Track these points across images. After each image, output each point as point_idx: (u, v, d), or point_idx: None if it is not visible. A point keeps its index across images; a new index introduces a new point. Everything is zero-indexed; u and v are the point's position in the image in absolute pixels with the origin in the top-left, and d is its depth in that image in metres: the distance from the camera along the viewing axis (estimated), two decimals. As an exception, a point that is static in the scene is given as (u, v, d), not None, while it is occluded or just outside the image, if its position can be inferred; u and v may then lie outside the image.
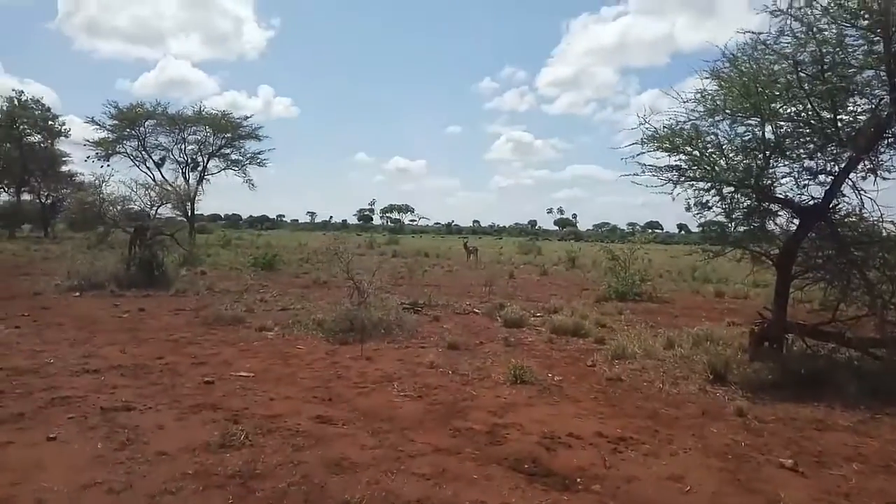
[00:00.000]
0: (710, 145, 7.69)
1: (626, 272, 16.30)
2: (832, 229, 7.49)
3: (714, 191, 7.82)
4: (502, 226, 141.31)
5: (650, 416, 5.83)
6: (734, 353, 7.69)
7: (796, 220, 7.80)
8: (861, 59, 6.82)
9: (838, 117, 7.03)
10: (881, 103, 7.00)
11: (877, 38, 6.67)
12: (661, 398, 6.49)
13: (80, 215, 17.80)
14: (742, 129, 7.77)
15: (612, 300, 14.76)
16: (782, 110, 7.36)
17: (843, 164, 7.30)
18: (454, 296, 14.48)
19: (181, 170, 43.25)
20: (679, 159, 7.80)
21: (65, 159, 46.47)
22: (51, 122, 45.51)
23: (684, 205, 8.10)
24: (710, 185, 7.75)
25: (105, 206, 16.44)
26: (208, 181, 44.22)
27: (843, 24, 6.74)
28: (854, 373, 6.94)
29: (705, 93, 7.65)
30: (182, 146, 43.39)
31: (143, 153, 42.59)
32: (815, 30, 6.76)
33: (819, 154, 7.48)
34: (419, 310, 11.83)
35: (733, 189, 7.71)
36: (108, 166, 40.74)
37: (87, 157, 41.53)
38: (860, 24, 6.69)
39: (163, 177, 39.59)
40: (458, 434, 5.14)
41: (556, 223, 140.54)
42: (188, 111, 42.97)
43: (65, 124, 46.43)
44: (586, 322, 10.42)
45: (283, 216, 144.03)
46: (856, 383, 6.63)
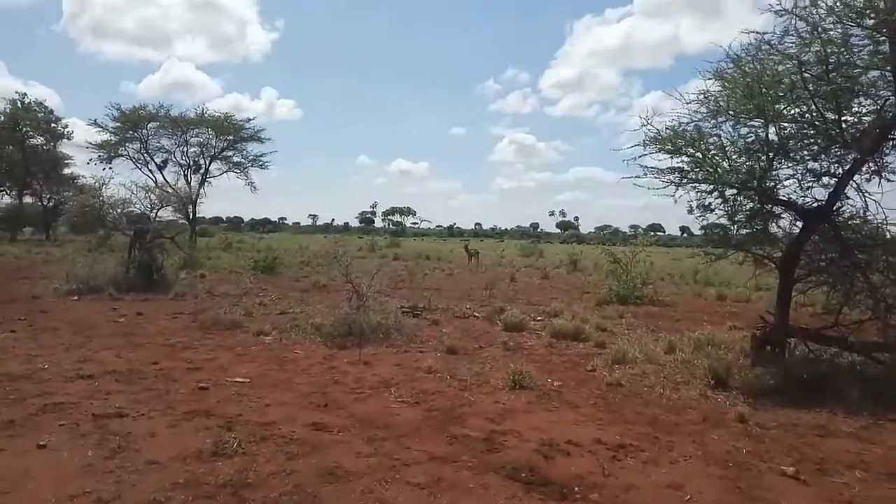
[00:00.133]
0: (712, 147, 7.60)
1: (627, 275, 16.20)
2: (836, 232, 7.40)
3: (716, 193, 7.74)
4: (504, 228, 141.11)
5: (650, 423, 5.74)
6: (736, 358, 7.60)
7: (799, 223, 7.71)
8: (866, 59, 6.73)
9: (843, 118, 6.94)
10: (886, 104, 6.92)
11: (882, 38, 6.58)
12: (661, 404, 6.40)
13: (81, 218, 17.77)
14: (745, 130, 7.69)
15: (614, 303, 14.66)
16: (786, 111, 7.27)
17: (847, 166, 7.21)
18: (454, 299, 14.41)
19: (183, 172, 43.37)
20: (681, 161, 7.72)
21: (67, 162, 46.76)
22: (53, 125, 45.76)
23: (686, 207, 8.03)
24: (712, 187, 7.66)
25: (105, 208, 16.41)
26: (210, 184, 44.35)
27: (848, 23, 6.64)
28: (857, 378, 6.85)
29: (708, 94, 7.57)
30: (184, 148, 43.56)
31: (145, 156, 42.74)
32: (820, 29, 6.67)
33: (823, 156, 7.39)
34: (419, 314, 11.75)
35: (736, 191, 7.62)
36: (110, 169, 40.84)
37: (90, 160, 41.81)
38: (866, 24, 6.59)
39: (164, 179, 39.67)
40: (455, 441, 5.05)
41: (559, 226, 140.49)
42: (191, 113, 43.13)
43: (67, 127, 46.76)
44: (587, 326, 10.33)
45: (285, 219, 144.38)
46: (858, 388, 6.53)
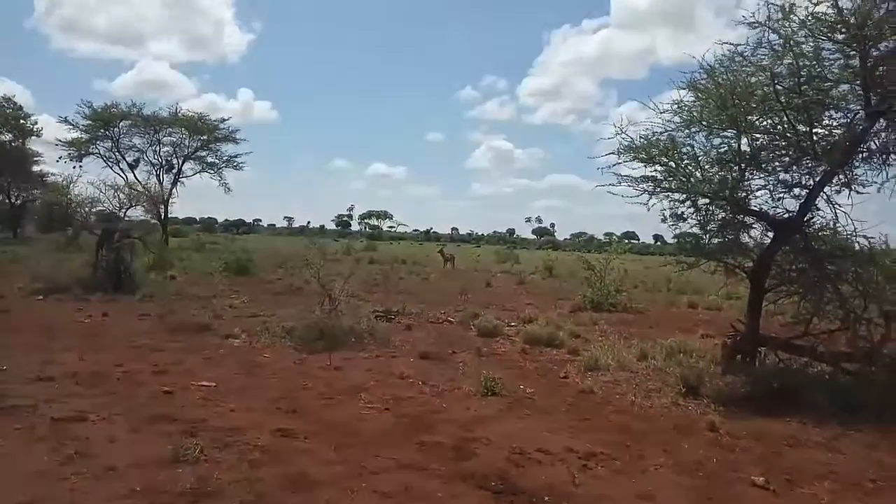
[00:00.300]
0: (685, 157, 7.65)
1: (601, 282, 16.26)
2: (806, 243, 7.48)
3: (689, 202, 7.79)
4: (481, 234, 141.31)
5: (622, 431, 5.71)
6: (707, 366, 7.62)
7: (770, 233, 7.78)
8: (837, 72, 6.84)
9: (814, 131, 7.03)
10: (856, 117, 7.03)
11: (853, 53, 6.69)
12: (632, 412, 6.39)
13: (48, 217, 17.39)
14: (718, 140, 7.77)
15: (588, 310, 14.69)
16: (758, 122, 7.36)
17: (817, 178, 7.30)
18: (429, 304, 14.30)
19: (155, 172, 42.60)
20: (655, 170, 7.77)
21: (36, 159, 45.61)
22: (22, 121, 44.64)
23: (660, 216, 8.06)
24: (685, 196, 7.71)
25: (73, 207, 16.06)
26: (183, 184, 43.55)
27: (820, 37, 6.75)
28: (826, 387, 6.91)
29: (682, 104, 7.62)
30: (157, 148, 42.66)
31: (116, 154, 41.78)
32: (793, 42, 6.75)
33: (794, 167, 7.47)
34: (392, 318, 11.64)
35: (708, 201, 7.67)
36: (80, 167, 39.93)
37: (60, 158, 40.70)
38: (837, 38, 6.70)
39: (136, 178, 38.89)
40: (424, 448, 4.97)
41: (535, 232, 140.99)
42: (164, 112, 42.41)
43: (37, 123, 45.62)
44: (561, 332, 10.31)
45: (260, 220, 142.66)
46: (828, 398, 6.59)
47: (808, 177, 7.48)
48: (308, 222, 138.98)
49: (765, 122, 7.39)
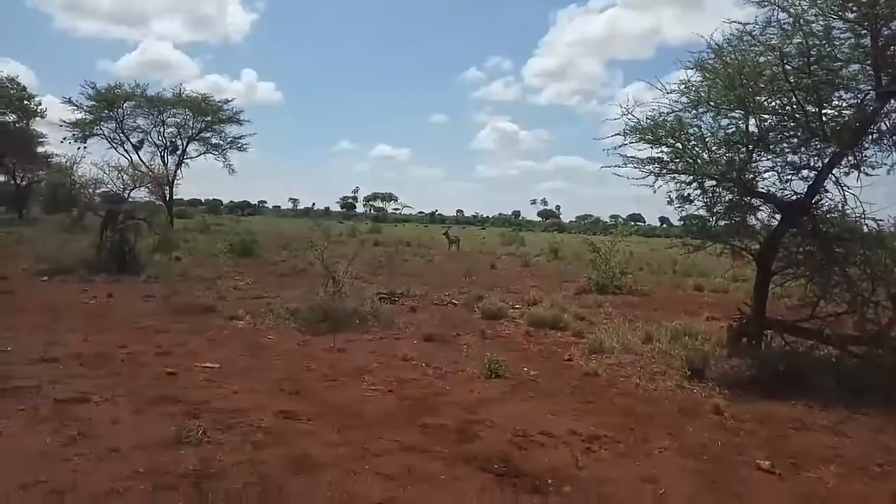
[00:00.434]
0: (692, 138, 7.53)
1: (606, 265, 16.19)
2: (814, 225, 7.39)
3: (696, 184, 7.68)
4: (486, 216, 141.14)
5: (626, 413, 5.69)
6: (712, 349, 7.58)
7: (778, 216, 7.69)
8: (847, 52, 6.70)
9: (823, 111, 6.90)
10: (866, 98, 6.90)
11: (864, 32, 6.55)
12: (637, 394, 6.36)
13: (52, 198, 17.38)
14: (725, 121, 7.64)
15: (593, 292, 14.65)
16: (767, 103, 7.22)
17: (826, 160, 7.18)
18: (433, 286, 14.28)
19: (159, 153, 42.63)
20: (661, 151, 7.65)
21: (41, 140, 45.68)
22: (26, 102, 44.59)
23: (666, 198, 7.97)
24: (691, 178, 7.61)
25: (77, 188, 16.03)
26: (187, 165, 43.71)
27: (830, 16, 6.61)
28: (833, 371, 6.85)
29: (689, 84, 7.50)
30: (161, 129, 42.78)
31: (120, 135, 41.90)
32: (802, 21, 6.61)
33: (803, 148, 7.35)
34: (396, 300, 11.63)
35: (715, 183, 7.56)
36: (84, 148, 39.93)
37: (64, 139, 40.77)
38: (847, 17, 6.56)
39: (140, 159, 38.92)
40: (427, 431, 4.95)
41: (540, 214, 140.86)
42: (168, 93, 42.35)
43: (41, 104, 45.56)
44: (565, 315, 10.29)
45: (265, 202, 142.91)
46: (834, 381, 6.54)
47: (816, 158, 7.37)
48: (313, 204, 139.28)
49: (773, 103, 7.26)
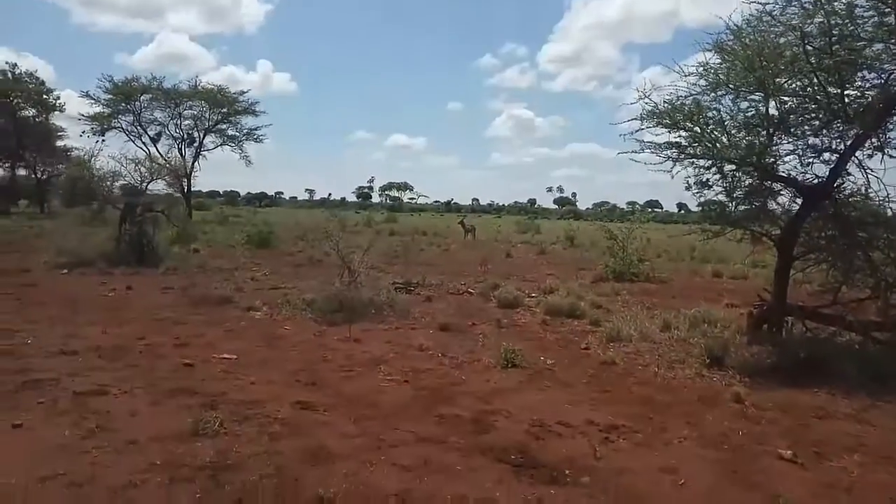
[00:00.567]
0: (711, 121, 7.39)
1: (623, 252, 16.05)
2: (836, 209, 7.25)
3: (715, 169, 7.57)
4: (502, 204, 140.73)
5: (644, 403, 5.62)
6: (732, 336, 7.47)
7: (799, 200, 7.55)
8: (871, 31, 6.50)
9: (845, 92, 6.73)
10: (890, 78, 6.71)
11: (888, 10, 6.35)
12: (655, 383, 6.29)
13: (71, 191, 17.55)
14: (745, 104, 7.50)
15: (609, 280, 14.53)
16: (787, 85, 7.07)
17: (849, 142, 7.03)
18: (449, 275, 14.26)
19: (177, 145, 42.95)
20: (679, 136, 7.54)
21: (60, 134, 46.20)
22: (45, 96, 45.08)
23: (684, 184, 7.86)
24: (710, 162, 7.49)
25: (95, 181, 16.17)
26: (204, 157, 44.00)
27: (853, -7, 6.42)
28: (855, 357, 6.73)
29: (708, 66, 7.36)
30: (178, 121, 43.10)
31: (138, 128, 42.25)
32: (824, 0, 6.44)
33: (824, 131, 7.19)
34: (412, 289, 11.62)
35: (735, 167, 7.43)
36: (103, 141, 40.36)
37: (83, 132, 41.15)
38: (870, -6, 6.37)
39: (158, 152, 39.22)
40: (443, 421, 4.93)
41: (556, 202, 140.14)
42: (184, 86, 42.58)
43: (59, 98, 46.02)
44: (582, 303, 10.21)
45: (282, 193, 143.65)
46: (857, 368, 6.43)
47: (838, 141, 7.22)
48: (329, 194, 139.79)
49: (794, 85, 7.10)
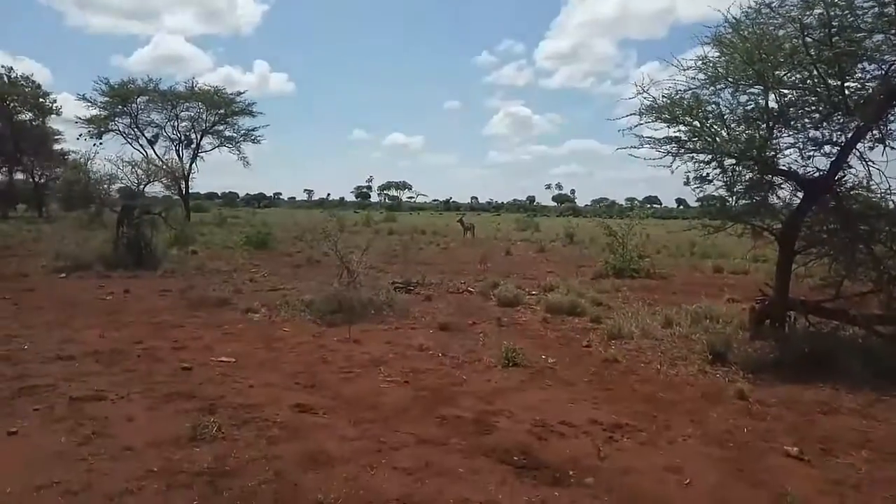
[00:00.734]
0: (710, 115, 7.32)
1: (623, 248, 16.00)
2: (837, 202, 7.19)
3: (715, 163, 7.49)
4: (500, 202, 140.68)
5: (647, 401, 5.56)
6: (734, 332, 7.45)
7: (800, 193, 7.49)
8: (871, 21, 6.43)
9: (846, 84, 6.65)
10: (891, 69, 6.64)
11: (888, 0, 6.29)
12: (658, 380, 6.23)
13: (68, 195, 17.48)
14: (744, 97, 7.42)
15: (610, 277, 14.49)
16: (787, 78, 7.00)
17: (850, 134, 6.96)
18: (449, 274, 14.21)
19: (174, 147, 42.88)
20: (678, 130, 7.46)
21: (57, 137, 46.03)
22: (42, 100, 44.91)
23: (683, 178, 7.80)
24: (710, 157, 7.42)
25: (91, 184, 16.11)
26: (202, 159, 43.98)
27: (853, -16, 6.35)
28: (859, 352, 6.67)
29: (706, 59, 7.29)
30: (175, 123, 43.06)
31: (135, 130, 42.20)
32: (824, -10, 6.37)
33: (825, 123, 7.13)
34: (412, 289, 11.55)
35: (735, 161, 7.36)
36: (100, 144, 40.32)
37: (80, 136, 41.10)
38: (870, -16, 6.30)
39: (156, 154, 39.18)
40: (444, 423, 4.87)
41: (555, 199, 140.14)
42: (180, 87, 42.51)
43: (56, 101, 45.89)
44: (582, 300, 10.14)
45: (280, 194, 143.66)
46: (861, 363, 6.37)
47: (839, 133, 7.15)
48: (328, 194, 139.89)
49: (793, 77, 7.03)
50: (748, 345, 6.98)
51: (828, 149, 7.24)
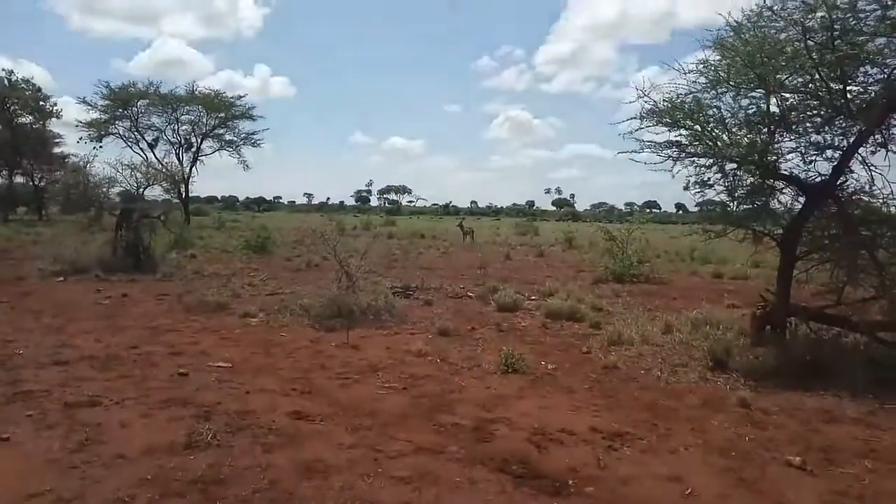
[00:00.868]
0: (712, 119, 7.28)
1: (623, 253, 15.94)
2: (839, 207, 7.13)
3: (716, 167, 7.44)
4: (500, 206, 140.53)
5: (648, 408, 5.50)
6: (735, 338, 7.37)
7: (802, 198, 7.42)
8: (873, 25, 6.38)
9: (848, 88, 6.61)
10: (894, 73, 6.59)
11: (891, 3, 6.23)
12: (659, 388, 6.17)
13: (66, 198, 17.41)
14: (746, 101, 7.38)
15: (609, 282, 14.42)
16: (788, 81, 6.94)
17: (852, 139, 6.91)
18: (448, 279, 14.15)
19: (174, 150, 42.88)
20: (679, 134, 7.42)
21: (57, 141, 45.97)
22: (42, 103, 44.87)
23: (683, 183, 7.75)
24: (711, 161, 7.37)
25: (90, 188, 16.03)
26: (202, 162, 44.00)
27: (855, -14, 6.31)
28: (861, 359, 6.61)
29: (707, 63, 7.25)
30: (175, 126, 43.12)
31: (135, 134, 42.29)
32: (826, -7, 6.33)
33: (827, 128, 7.08)
34: (411, 294, 11.49)
35: (736, 165, 7.31)
36: (100, 147, 40.32)
37: (80, 139, 41.12)
38: (873, -13, 6.26)
39: (156, 157, 39.13)
40: (442, 430, 4.81)
41: (554, 203, 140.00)
42: (181, 91, 42.54)
43: (56, 105, 45.85)
44: (582, 305, 10.09)
45: (280, 198, 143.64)
46: (863, 370, 6.30)
47: (841, 138, 7.10)
48: (328, 198, 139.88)
49: (795, 81, 6.98)
50: (749, 351, 6.92)
51: (830, 153, 7.19)
